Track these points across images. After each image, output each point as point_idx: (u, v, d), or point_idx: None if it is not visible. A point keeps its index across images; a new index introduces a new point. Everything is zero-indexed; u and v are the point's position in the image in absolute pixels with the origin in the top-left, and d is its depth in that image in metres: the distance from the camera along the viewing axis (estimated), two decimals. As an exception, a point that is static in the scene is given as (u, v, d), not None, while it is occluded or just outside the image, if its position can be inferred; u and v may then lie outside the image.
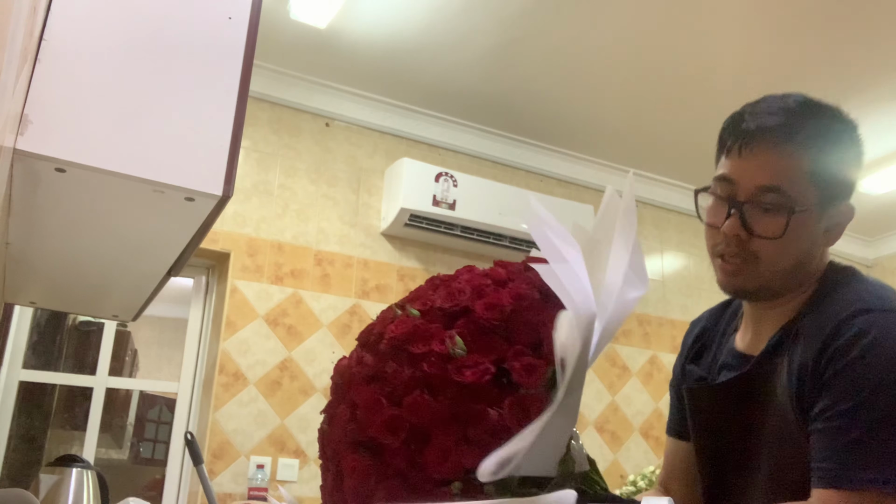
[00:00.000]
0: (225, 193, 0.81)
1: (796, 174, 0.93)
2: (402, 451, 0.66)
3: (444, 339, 0.70)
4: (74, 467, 1.43)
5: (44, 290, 1.31)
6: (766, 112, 0.96)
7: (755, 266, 0.95)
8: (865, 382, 0.82)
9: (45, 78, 0.74)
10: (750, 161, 0.95)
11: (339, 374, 0.83)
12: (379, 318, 0.83)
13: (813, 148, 0.94)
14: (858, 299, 0.89)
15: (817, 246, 0.98)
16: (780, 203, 0.92)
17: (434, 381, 0.68)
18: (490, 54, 2.94)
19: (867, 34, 2.69)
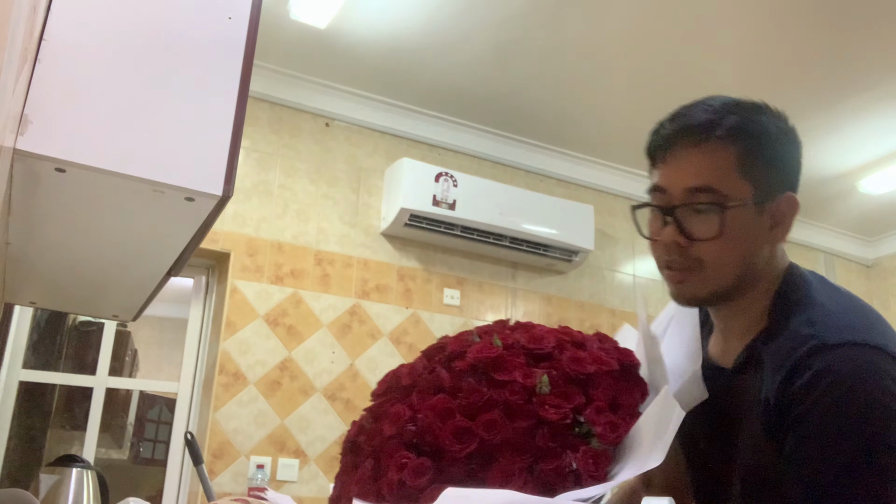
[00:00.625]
0: (225, 193, 0.81)
1: (724, 170, 0.91)
2: (462, 462, 0.68)
3: (530, 374, 0.75)
4: (74, 467, 1.43)
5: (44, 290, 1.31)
6: (684, 115, 0.95)
7: (701, 271, 0.92)
8: (827, 432, 0.78)
9: (45, 78, 0.74)
10: (675, 165, 0.93)
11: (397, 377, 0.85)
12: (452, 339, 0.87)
13: (738, 141, 0.91)
14: (814, 333, 0.84)
15: (764, 243, 0.94)
16: (712, 202, 0.90)
17: (514, 408, 0.73)
18: (490, 54, 2.94)
19: (867, 34, 2.69)
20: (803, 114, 3.21)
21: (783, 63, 2.88)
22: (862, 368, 0.79)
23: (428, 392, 0.78)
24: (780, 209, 0.94)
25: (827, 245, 4.48)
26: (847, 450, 0.77)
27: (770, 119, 0.96)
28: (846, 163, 3.63)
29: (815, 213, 4.25)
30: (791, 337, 0.86)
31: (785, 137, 0.96)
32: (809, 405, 0.80)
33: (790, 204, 0.94)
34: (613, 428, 0.74)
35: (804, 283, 0.94)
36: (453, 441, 0.71)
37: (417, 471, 0.71)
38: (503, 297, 3.45)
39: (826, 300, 0.90)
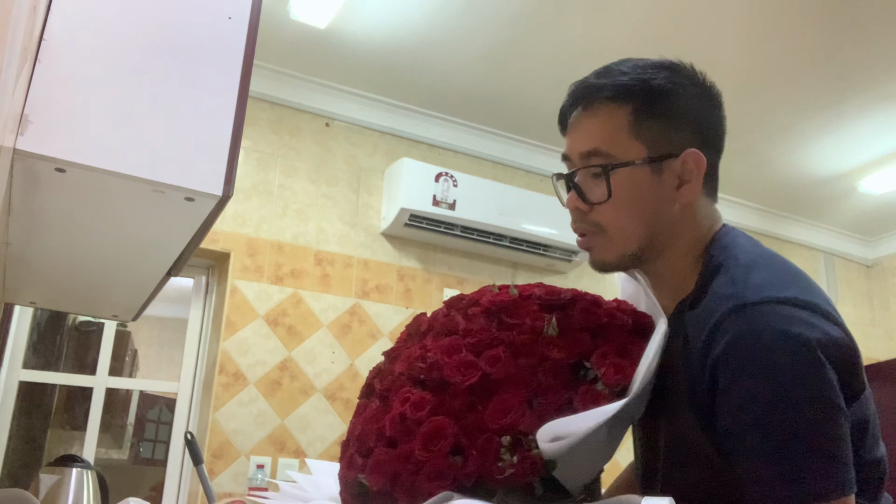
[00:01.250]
0: (225, 193, 0.81)
1: (614, 132, 0.89)
2: (463, 394, 0.70)
3: (540, 318, 0.77)
4: (74, 467, 1.43)
5: (44, 290, 1.31)
6: (580, 84, 0.95)
7: (603, 235, 0.90)
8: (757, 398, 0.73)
9: (45, 78, 0.74)
10: (572, 133, 0.95)
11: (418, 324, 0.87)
12: (476, 292, 0.89)
13: (629, 100, 0.89)
14: (734, 292, 0.79)
15: (670, 203, 0.89)
16: (601, 164, 0.88)
17: (519, 347, 0.76)
18: (490, 54, 2.94)
19: (867, 34, 2.69)
20: (803, 114, 3.21)
21: (783, 63, 2.88)
22: (779, 323, 0.74)
23: (442, 334, 0.81)
24: (685, 167, 0.88)
25: (827, 245, 4.48)
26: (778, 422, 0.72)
27: (671, 76, 0.92)
28: (846, 163, 3.63)
29: (815, 213, 4.25)
30: (712, 299, 0.82)
31: (687, 94, 0.91)
32: (731, 374, 0.75)
33: (696, 161, 0.88)
34: (619, 369, 0.74)
35: (732, 245, 0.89)
36: (456, 373, 0.73)
37: (418, 404, 0.73)
38: (503, 297, 3.45)
39: (751, 259, 0.85)
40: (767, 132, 3.38)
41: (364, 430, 0.78)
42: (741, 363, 0.75)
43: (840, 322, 0.78)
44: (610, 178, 0.87)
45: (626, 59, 0.96)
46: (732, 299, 0.78)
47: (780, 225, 4.27)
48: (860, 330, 4.47)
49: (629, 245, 0.90)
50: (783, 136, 3.41)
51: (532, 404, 0.72)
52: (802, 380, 0.72)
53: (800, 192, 3.97)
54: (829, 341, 0.74)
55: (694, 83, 0.94)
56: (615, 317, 0.81)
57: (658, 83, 0.90)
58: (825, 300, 0.80)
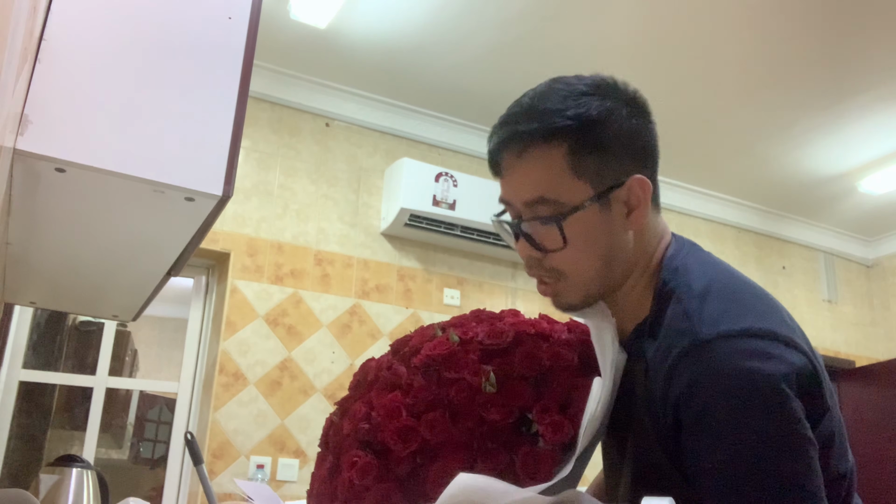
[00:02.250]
0: (225, 193, 0.81)
1: (555, 175, 0.83)
2: (407, 461, 0.68)
3: (479, 372, 0.73)
4: (74, 467, 1.43)
5: (44, 290, 1.31)
6: (506, 122, 0.88)
7: (565, 281, 0.87)
8: (722, 436, 0.72)
9: (45, 78, 0.74)
10: (508, 180, 0.89)
11: (365, 372, 0.84)
12: (417, 332, 0.85)
13: (559, 139, 0.83)
14: (688, 328, 0.77)
15: (622, 232, 0.87)
16: (549, 213, 0.83)
17: (458, 408, 0.72)
18: (490, 54, 2.94)
19: (867, 35, 2.69)
20: (803, 114, 3.21)
21: (783, 63, 2.88)
22: (742, 360, 0.72)
23: (385, 389, 0.77)
24: (632, 193, 0.86)
25: (827, 245, 4.49)
26: (751, 456, 0.71)
27: (601, 102, 0.85)
28: (846, 163, 3.63)
29: (815, 213, 4.25)
30: (668, 332, 0.80)
31: (619, 117, 0.86)
32: (695, 415, 0.74)
33: (641, 186, 0.86)
34: (556, 429, 0.71)
35: (682, 270, 0.86)
36: (397, 440, 0.70)
37: (364, 470, 0.71)
38: (503, 297, 3.45)
39: (703, 284, 0.82)
40: (767, 132, 3.38)
41: (320, 491, 0.78)
42: (703, 406, 0.73)
43: (799, 345, 0.76)
44: (562, 226, 0.83)
45: (546, 86, 0.88)
46: (687, 336, 0.77)
47: (780, 225, 4.27)
48: (860, 330, 4.47)
49: (592, 284, 0.87)
50: (783, 136, 3.41)
51: (474, 468, 0.68)
52: (767, 417, 0.71)
53: (800, 192, 3.97)
54: (791, 371, 0.73)
55: (623, 101, 0.87)
56: (559, 357, 0.76)
57: (590, 115, 0.83)
58: (782, 323, 0.78)
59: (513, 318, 0.83)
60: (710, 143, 3.53)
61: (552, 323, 0.87)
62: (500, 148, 0.88)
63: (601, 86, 0.87)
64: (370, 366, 0.86)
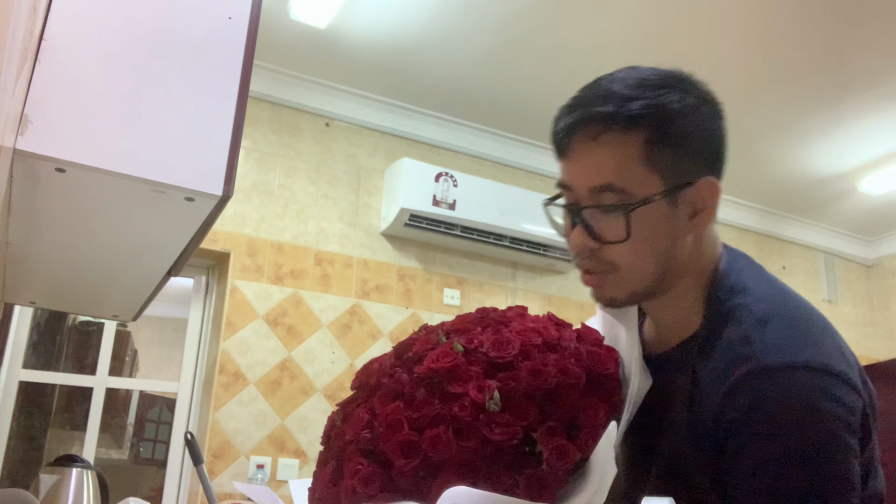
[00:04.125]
0: (225, 193, 0.81)
1: (628, 164, 0.80)
2: (410, 474, 0.67)
3: (483, 388, 0.70)
4: (74, 467, 1.43)
5: (44, 290, 1.31)
6: (583, 100, 0.85)
7: (616, 275, 0.84)
8: (770, 461, 0.73)
9: (45, 78, 0.74)
10: (576, 161, 0.84)
11: (367, 374, 0.83)
12: (422, 337, 0.81)
13: (642, 129, 0.80)
14: (751, 353, 0.76)
15: (684, 234, 0.84)
16: (616, 202, 0.80)
17: (461, 424, 0.69)
18: (490, 54, 2.94)
19: (867, 34, 2.69)
20: (803, 114, 3.21)
21: (783, 63, 2.88)
22: (798, 391, 0.73)
23: (388, 397, 0.75)
24: (700, 195, 0.83)
25: (827, 245, 4.48)
26: (795, 478, 0.72)
27: (678, 95, 0.83)
28: (846, 163, 3.63)
29: (815, 213, 4.25)
30: (727, 354, 0.79)
31: (698, 114, 0.84)
32: (747, 438, 0.74)
33: (711, 189, 0.83)
34: (561, 454, 0.68)
35: (739, 288, 0.85)
36: (399, 455, 0.68)
37: (367, 479, 0.70)
38: (503, 297, 3.45)
39: (764, 308, 0.81)
40: (767, 132, 3.38)
41: (323, 496, 0.77)
42: (761, 429, 0.73)
43: (857, 384, 0.76)
44: (629, 218, 0.79)
45: (626, 72, 0.87)
46: (749, 361, 0.76)
47: (780, 225, 4.27)
48: (860, 330, 4.47)
49: (642, 283, 0.84)
50: (783, 136, 3.41)
51: (477, 488, 0.67)
52: (820, 457, 0.72)
53: (800, 192, 3.97)
54: (850, 416, 0.74)
55: (702, 100, 0.86)
56: (567, 374, 0.73)
57: (672, 108, 0.81)
58: (841, 357, 0.78)
59: (519, 324, 0.78)
60: (710, 143, 3.53)
61: (560, 328, 0.83)
62: (573, 128, 0.84)
63: (682, 80, 0.86)
64: (373, 368, 0.85)
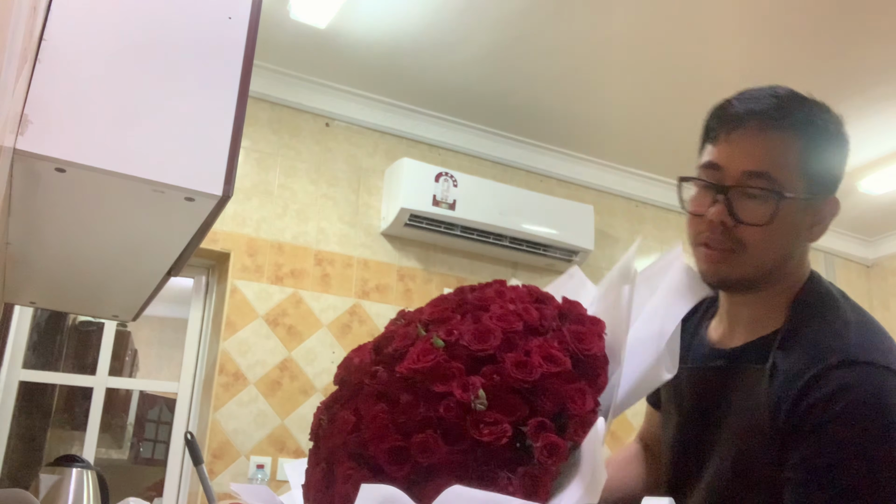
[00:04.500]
0: (225, 193, 0.81)
1: (785, 161, 0.91)
2: (400, 480, 0.66)
3: (467, 387, 0.68)
4: (74, 467, 1.43)
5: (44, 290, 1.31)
6: (754, 98, 0.95)
7: (741, 254, 0.92)
8: (844, 445, 0.80)
9: (45, 78, 0.74)
10: (737, 146, 0.93)
11: (348, 370, 0.82)
12: (400, 330, 0.79)
13: (802, 135, 0.92)
14: (840, 346, 0.86)
15: (802, 240, 0.95)
16: (768, 189, 0.90)
17: (449, 426, 0.67)
18: (490, 54, 2.94)
19: (867, 34, 2.69)
20: (803, 114, 3.21)
21: (783, 63, 2.88)
22: (885, 390, 0.81)
23: (371, 398, 0.73)
24: (823, 209, 0.95)
25: (827, 245, 4.48)
26: (857, 470, 0.79)
27: (832, 118, 0.97)
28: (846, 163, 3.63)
29: (815, 213, 4.24)
30: (813, 346, 0.87)
31: (842, 141, 0.97)
32: (829, 417, 0.81)
33: (833, 207, 0.96)
34: (553, 451, 0.67)
35: (828, 295, 0.95)
36: (388, 462, 0.67)
37: (359, 484, 0.69)
38: (503, 297, 3.45)
39: (849, 316, 0.92)
40: (767, 132, 3.38)
41: (316, 499, 0.76)
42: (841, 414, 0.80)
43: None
44: (779, 205, 0.89)
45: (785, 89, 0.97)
46: (838, 353, 0.84)
47: (780, 225, 4.27)
48: (860, 330, 4.47)
49: (759, 269, 0.93)
50: (783, 136, 3.41)
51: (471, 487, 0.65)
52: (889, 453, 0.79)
53: (800, 192, 3.97)
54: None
55: (843, 132, 0.98)
56: (552, 361, 0.71)
57: (828, 128, 0.95)
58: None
59: (499, 307, 0.75)
60: (710, 143, 3.52)
61: (541, 304, 0.80)
62: (745, 116, 0.93)
63: (830, 111, 0.99)
64: (353, 364, 0.83)
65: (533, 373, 0.69)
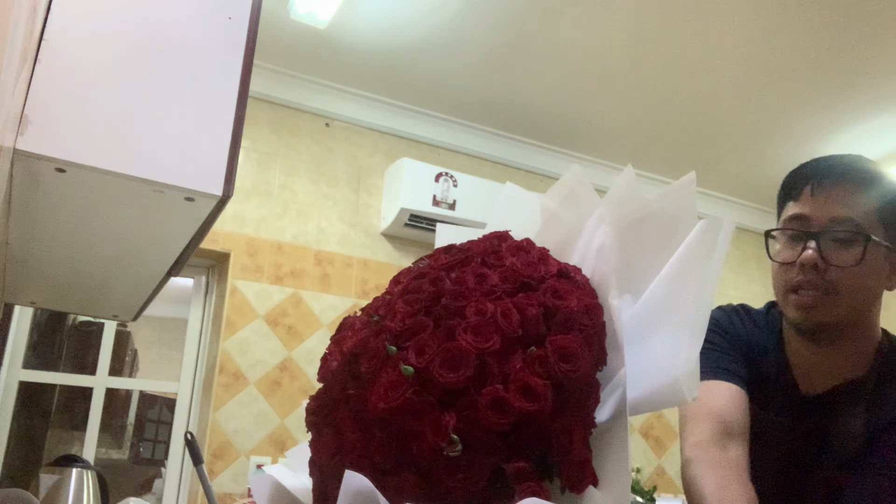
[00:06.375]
0: (225, 193, 0.81)
1: (866, 208, 0.99)
2: None
3: (439, 428, 0.59)
4: (74, 467, 1.43)
5: (44, 290, 1.31)
6: (827, 160, 1.04)
7: (834, 297, 0.98)
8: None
9: (45, 78, 0.74)
10: (822, 197, 1.00)
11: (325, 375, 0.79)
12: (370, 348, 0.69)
13: (877, 186, 1.00)
14: None
15: (881, 286, 1.02)
16: (855, 231, 0.97)
17: (426, 471, 0.60)
18: (490, 54, 2.94)
19: (867, 35, 2.69)
20: (804, 114, 3.21)
21: (784, 63, 2.88)
22: None
23: (348, 419, 0.66)
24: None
25: (827, 245, 4.48)
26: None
27: None
28: (846, 163, 3.63)
29: (815, 213, 4.24)
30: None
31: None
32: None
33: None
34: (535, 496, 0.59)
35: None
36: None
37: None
38: (503, 297, 3.45)
39: None
40: (767, 132, 3.38)
41: None
42: None
43: None
44: (867, 246, 0.97)
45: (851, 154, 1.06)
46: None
47: (780, 225, 4.27)
48: (860, 330, 4.47)
49: (853, 312, 1.00)
50: (783, 136, 3.41)
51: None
52: None
53: (800, 192, 3.97)
54: None
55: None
56: (532, 395, 0.59)
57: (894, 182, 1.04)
58: None
59: (476, 311, 0.64)
60: (710, 143, 3.53)
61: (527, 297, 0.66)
62: (826, 172, 1.02)
63: None
64: (330, 370, 0.75)
65: (509, 414, 0.59)
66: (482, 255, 0.71)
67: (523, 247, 0.73)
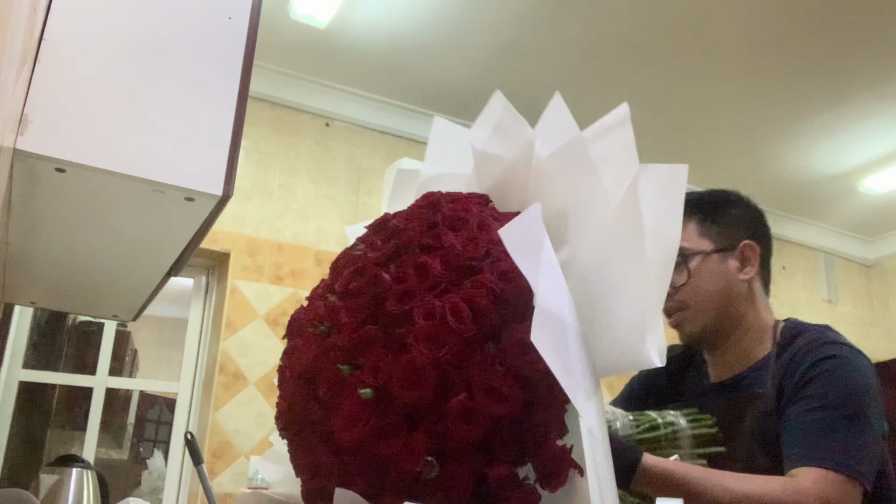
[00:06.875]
0: (225, 193, 0.81)
1: (690, 233, 1.18)
2: None
3: (412, 451, 0.55)
4: (74, 467, 1.43)
5: (44, 290, 1.31)
6: None
7: (687, 312, 1.16)
8: (836, 389, 1.01)
9: (45, 78, 0.74)
10: None
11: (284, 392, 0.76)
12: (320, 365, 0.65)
13: (696, 214, 1.20)
14: (821, 339, 1.09)
15: (738, 282, 1.17)
16: (680, 256, 1.12)
17: (402, 488, 0.56)
18: (490, 54, 2.94)
19: (867, 35, 2.69)
20: (803, 114, 3.21)
21: (783, 64, 2.88)
22: (860, 360, 1.07)
23: (317, 437, 0.63)
24: (743, 254, 1.18)
25: (827, 245, 4.48)
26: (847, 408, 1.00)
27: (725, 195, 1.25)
28: (846, 163, 3.63)
29: (815, 213, 4.25)
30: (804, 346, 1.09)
31: (739, 207, 1.24)
32: (823, 371, 1.03)
33: (751, 248, 1.19)
34: (525, 501, 0.56)
35: (803, 324, 1.16)
36: None
37: None
38: (503, 297, 3.45)
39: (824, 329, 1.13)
40: (767, 132, 3.38)
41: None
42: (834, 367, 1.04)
43: None
44: (688, 264, 1.15)
45: None
46: (825, 344, 1.07)
47: (780, 225, 4.27)
48: (860, 330, 4.47)
49: (708, 316, 1.16)
50: (783, 136, 3.41)
51: None
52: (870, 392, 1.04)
53: (800, 192, 3.97)
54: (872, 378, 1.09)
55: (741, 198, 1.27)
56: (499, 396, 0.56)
57: (719, 201, 1.23)
58: None
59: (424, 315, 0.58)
60: (710, 143, 3.53)
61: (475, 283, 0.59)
62: None
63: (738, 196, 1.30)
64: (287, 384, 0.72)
65: (479, 422, 0.55)
66: (419, 238, 0.65)
67: (460, 216, 0.67)
